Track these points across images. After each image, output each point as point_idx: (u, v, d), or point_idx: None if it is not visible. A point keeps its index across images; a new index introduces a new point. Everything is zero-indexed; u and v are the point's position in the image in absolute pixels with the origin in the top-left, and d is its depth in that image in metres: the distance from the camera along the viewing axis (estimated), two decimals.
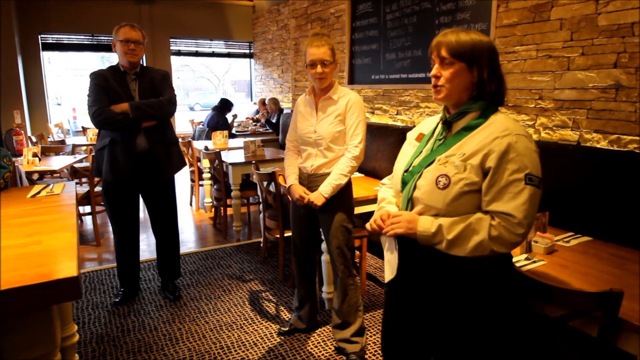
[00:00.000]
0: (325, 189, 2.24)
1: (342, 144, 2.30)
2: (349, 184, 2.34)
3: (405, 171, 1.41)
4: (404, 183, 1.40)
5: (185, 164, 3.14)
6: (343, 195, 2.31)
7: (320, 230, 2.47)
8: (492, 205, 1.25)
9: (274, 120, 7.15)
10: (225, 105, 6.43)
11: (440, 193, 1.29)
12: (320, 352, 2.48)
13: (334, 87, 2.30)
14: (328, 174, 2.28)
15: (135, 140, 2.78)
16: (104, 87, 2.72)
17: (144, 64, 8.86)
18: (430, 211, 1.32)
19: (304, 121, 2.36)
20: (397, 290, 1.48)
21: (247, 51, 9.50)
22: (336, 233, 2.31)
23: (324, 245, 2.69)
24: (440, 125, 1.42)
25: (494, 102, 1.35)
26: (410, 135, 1.54)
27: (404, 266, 1.42)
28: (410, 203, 1.37)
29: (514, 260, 1.83)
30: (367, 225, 1.47)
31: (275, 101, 7.28)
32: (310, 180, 2.36)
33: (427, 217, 1.31)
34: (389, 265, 1.46)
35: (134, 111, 2.71)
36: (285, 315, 2.88)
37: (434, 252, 1.31)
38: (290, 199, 2.56)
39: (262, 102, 7.95)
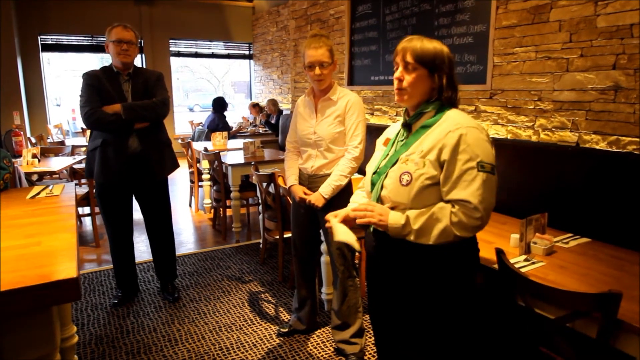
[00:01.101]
0: (326, 190, 2.24)
1: (342, 144, 2.30)
2: (349, 185, 2.34)
3: (374, 173, 1.52)
4: (373, 184, 1.51)
5: (178, 166, 3.12)
6: (343, 196, 2.31)
7: (320, 231, 2.47)
8: (450, 195, 1.34)
9: (273, 121, 7.15)
10: (220, 105, 6.43)
11: (404, 189, 1.39)
12: (319, 353, 2.48)
13: (333, 88, 2.30)
14: (328, 174, 2.29)
15: (128, 142, 2.77)
16: (96, 88, 2.71)
17: (144, 65, 8.80)
18: (398, 207, 1.42)
19: (304, 122, 2.36)
20: (374, 278, 1.60)
21: (247, 52, 9.51)
22: None
23: (323, 247, 2.69)
24: (401, 128, 1.53)
25: (447, 103, 1.45)
26: (379, 141, 1.66)
27: (381, 258, 1.52)
28: (379, 202, 1.47)
29: (512, 261, 1.84)
30: (331, 216, 1.57)
31: (274, 102, 7.29)
32: (311, 181, 2.36)
33: (397, 212, 1.40)
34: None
35: (127, 112, 2.70)
36: (285, 316, 2.88)
37: (406, 245, 1.40)
38: (290, 199, 2.56)
39: (253, 106, 7.95)
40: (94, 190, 3.01)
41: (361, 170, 4.07)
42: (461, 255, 1.44)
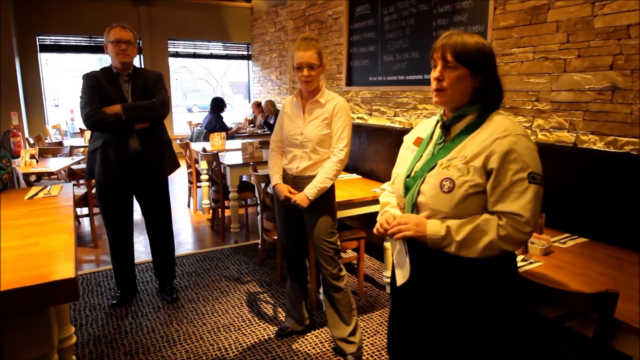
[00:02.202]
0: (311, 192, 2.27)
1: (328, 147, 2.33)
2: (332, 188, 2.38)
3: (408, 177, 1.41)
4: (407, 189, 1.40)
5: (179, 166, 3.13)
6: (327, 199, 2.34)
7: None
8: (498, 206, 1.27)
9: (271, 122, 7.16)
10: (218, 105, 6.43)
11: (445, 197, 1.30)
12: (317, 352, 2.48)
13: (322, 91, 2.33)
14: (313, 176, 2.31)
15: (128, 142, 2.77)
16: (96, 89, 2.71)
17: (143, 66, 8.78)
18: (437, 215, 1.32)
19: (291, 123, 2.39)
20: (406, 292, 1.48)
21: (245, 53, 9.51)
22: (321, 236, 2.33)
23: None
24: (438, 129, 1.43)
25: (491, 105, 1.37)
26: (408, 140, 1.55)
27: (415, 269, 1.42)
28: (415, 208, 1.37)
29: None
30: (374, 230, 1.47)
31: (272, 103, 7.30)
32: (296, 182, 2.38)
33: (436, 220, 1.32)
34: (400, 270, 1.45)
35: (127, 113, 2.70)
36: (283, 316, 2.88)
37: (442, 255, 1.32)
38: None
39: (256, 105, 7.96)
40: (95, 191, 3.02)
41: (359, 171, 4.07)
42: (500, 268, 1.35)
